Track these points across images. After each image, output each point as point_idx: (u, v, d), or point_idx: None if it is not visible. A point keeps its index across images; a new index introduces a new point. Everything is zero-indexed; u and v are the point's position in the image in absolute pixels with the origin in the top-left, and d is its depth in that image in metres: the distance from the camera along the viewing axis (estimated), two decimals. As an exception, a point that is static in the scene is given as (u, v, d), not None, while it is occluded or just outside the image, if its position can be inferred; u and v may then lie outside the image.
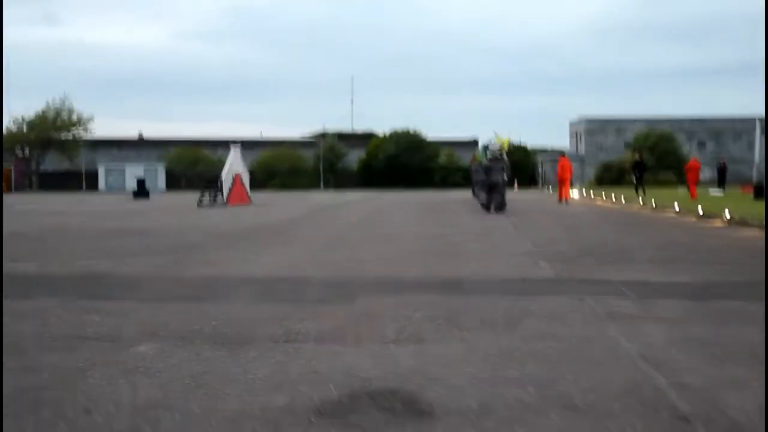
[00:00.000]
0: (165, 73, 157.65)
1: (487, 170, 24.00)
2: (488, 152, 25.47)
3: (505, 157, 25.18)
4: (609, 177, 73.56)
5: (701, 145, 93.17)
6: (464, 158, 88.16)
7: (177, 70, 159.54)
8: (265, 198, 39.83)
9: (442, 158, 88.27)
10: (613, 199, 31.11)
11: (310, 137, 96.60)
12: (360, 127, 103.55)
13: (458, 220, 20.48)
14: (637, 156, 39.20)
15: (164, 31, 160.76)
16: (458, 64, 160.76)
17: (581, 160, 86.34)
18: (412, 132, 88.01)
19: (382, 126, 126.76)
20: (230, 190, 32.28)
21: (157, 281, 8.81)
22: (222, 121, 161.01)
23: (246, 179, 34.91)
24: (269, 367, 5.06)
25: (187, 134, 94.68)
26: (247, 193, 34.55)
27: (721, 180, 39.69)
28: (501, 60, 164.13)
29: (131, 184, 78.94)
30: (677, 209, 21.63)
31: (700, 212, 19.14)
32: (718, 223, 17.24)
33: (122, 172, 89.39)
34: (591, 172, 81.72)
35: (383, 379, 4.78)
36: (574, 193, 40.32)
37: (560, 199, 32.56)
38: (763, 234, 14.03)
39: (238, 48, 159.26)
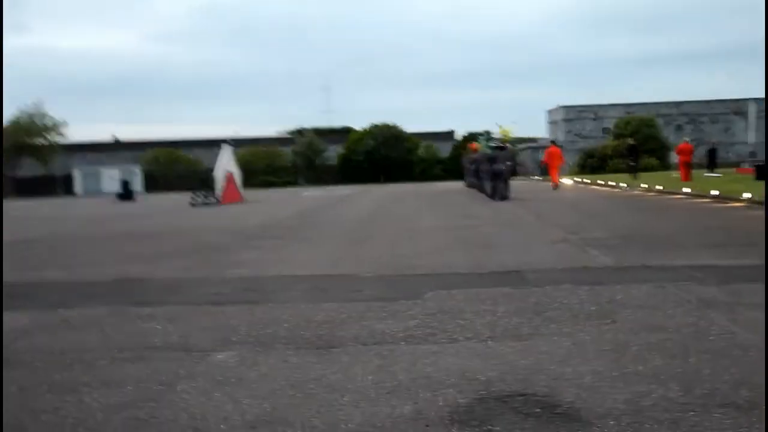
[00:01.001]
0: (135, 76, 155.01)
1: (492, 159, 23.73)
2: (492, 141, 25.25)
3: (509, 146, 24.95)
4: (592, 164, 73.31)
5: (678, 129, 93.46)
6: (442, 150, 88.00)
7: (147, 73, 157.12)
8: (253, 195, 39.26)
9: (421, 151, 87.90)
10: (612, 184, 30.85)
11: (287, 134, 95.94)
12: (336, 123, 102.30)
13: (470, 210, 20.05)
14: (631, 140, 38.98)
15: (132, 35, 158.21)
16: (429, 57, 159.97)
17: (561, 147, 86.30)
18: (390, 126, 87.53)
19: (358, 121, 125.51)
20: (223, 188, 31.76)
21: (199, 284, 8.37)
22: (195, 121, 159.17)
23: (238, 177, 34.40)
24: (373, 373, 4.66)
25: (161, 136, 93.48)
26: (239, 191, 34.05)
27: (712, 162, 39.49)
28: (471, 52, 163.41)
29: (108, 188, 77.96)
30: (688, 191, 21.37)
31: (715, 193, 18.88)
32: (736, 204, 16.95)
33: (98, 176, 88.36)
34: (571, 159, 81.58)
35: (504, 381, 4.40)
36: (566, 180, 40.10)
37: (554, 185, 32.07)
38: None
39: (208, 48, 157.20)
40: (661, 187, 24.06)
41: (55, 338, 5.89)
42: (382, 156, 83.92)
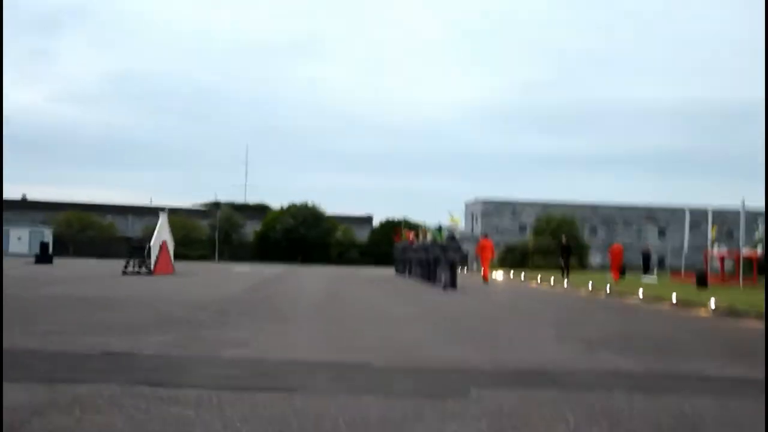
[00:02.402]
0: (46, 136, 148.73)
1: (445, 249, 23.56)
2: (444, 231, 25.21)
3: (457, 236, 24.83)
4: (512, 259, 73.94)
5: (593, 231, 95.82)
6: (359, 234, 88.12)
7: (57, 134, 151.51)
8: (180, 267, 37.98)
9: (339, 234, 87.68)
10: (551, 283, 30.79)
11: (203, 207, 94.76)
12: (253, 199, 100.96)
13: (431, 298, 19.50)
14: (564, 240, 39.31)
15: (39, 94, 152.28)
16: (349, 141, 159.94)
17: (477, 241, 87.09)
18: (310, 206, 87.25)
19: (275, 199, 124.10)
20: (157, 258, 30.70)
21: (202, 364, 7.60)
22: (108, 187, 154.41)
23: (171, 247, 33.32)
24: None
25: (72, 198, 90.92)
26: (171, 261, 32.97)
27: (646, 266, 40.01)
28: (390, 140, 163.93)
29: (15, 248, 75.18)
30: (641, 296, 21.30)
31: (674, 300, 18.81)
32: (702, 312, 16.82)
33: (6, 235, 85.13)
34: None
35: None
36: (495, 275, 40.27)
37: (485, 280, 32.22)
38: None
39: (122, 114, 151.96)
40: (609, 290, 24.00)
41: (76, 421, 5.09)
42: (301, 236, 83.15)
